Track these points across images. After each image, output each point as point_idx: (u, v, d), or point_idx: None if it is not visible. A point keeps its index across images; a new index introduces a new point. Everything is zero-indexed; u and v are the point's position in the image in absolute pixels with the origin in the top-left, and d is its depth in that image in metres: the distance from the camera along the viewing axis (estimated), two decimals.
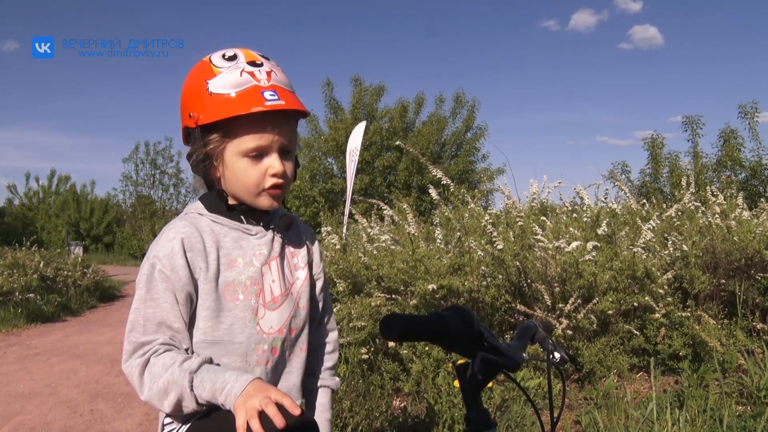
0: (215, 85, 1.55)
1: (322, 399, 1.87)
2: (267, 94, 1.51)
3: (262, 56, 1.62)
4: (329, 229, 7.24)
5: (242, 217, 1.67)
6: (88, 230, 38.24)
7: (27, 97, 63.00)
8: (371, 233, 7.15)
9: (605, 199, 6.78)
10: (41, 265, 13.47)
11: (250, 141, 1.55)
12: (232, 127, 1.56)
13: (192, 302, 1.59)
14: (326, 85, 24.77)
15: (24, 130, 61.41)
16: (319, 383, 1.88)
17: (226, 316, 1.60)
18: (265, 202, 1.63)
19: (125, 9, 62.80)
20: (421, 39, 58.71)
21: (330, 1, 62.81)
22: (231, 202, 1.67)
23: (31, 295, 11.77)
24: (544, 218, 6.19)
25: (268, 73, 1.56)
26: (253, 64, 1.57)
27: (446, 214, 6.78)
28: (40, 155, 65.02)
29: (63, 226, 36.54)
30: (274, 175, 1.58)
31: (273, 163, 1.58)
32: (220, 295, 1.60)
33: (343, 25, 60.83)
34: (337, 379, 1.94)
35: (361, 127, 10.64)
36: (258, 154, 1.57)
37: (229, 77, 1.54)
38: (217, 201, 1.66)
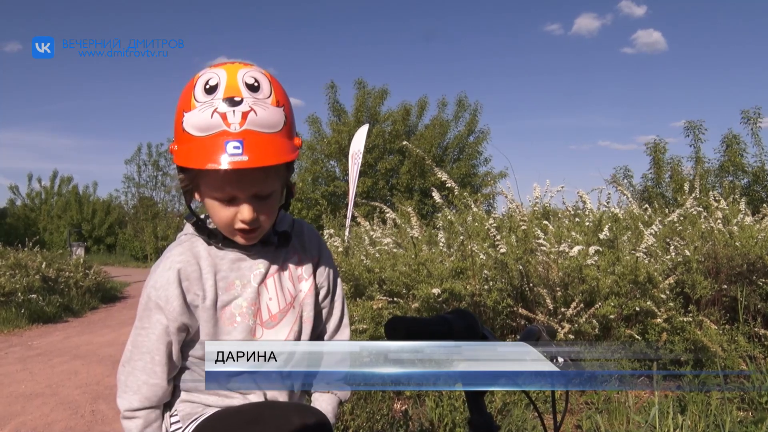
0: (188, 123, 1.45)
1: (327, 405, 1.78)
2: (231, 147, 1.38)
3: (250, 86, 1.46)
4: (332, 231, 7.25)
5: (222, 243, 1.61)
6: (90, 231, 38.22)
7: (30, 97, 63.02)
8: (373, 236, 7.15)
9: (608, 203, 6.78)
10: (43, 265, 13.47)
11: (215, 191, 1.48)
12: (200, 174, 1.48)
13: (187, 330, 1.58)
14: (330, 88, 24.83)
15: (26, 131, 61.46)
16: (329, 388, 1.79)
17: (226, 339, 1.58)
18: (239, 240, 1.57)
19: (125, 9, 62.93)
20: (425, 43, 58.77)
21: (334, 3, 62.85)
22: (212, 226, 1.62)
23: (33, 295, 11.77)
24: (546, 222, 6.19)
25: (244, 114, 1.41)
26: (230, 101, 1.42)
27: (449, 217, 6.79)
28: (42, 156, 64.99)
29: (65, 227, 36.52)
30: (243, 221, 1.51)
31: (242, 211, 1.49)
32: (219, 320, 1.58)
33: (347, 28, 60.84)
34: (349, 388, 1.86)
35: (363, 130, 10.65)
36: (228, 200, 1.50)
37: (201, 117, 1.43)
38: (197, 228, 1.63)
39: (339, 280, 1.88)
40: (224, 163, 1.38)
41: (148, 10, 61.30)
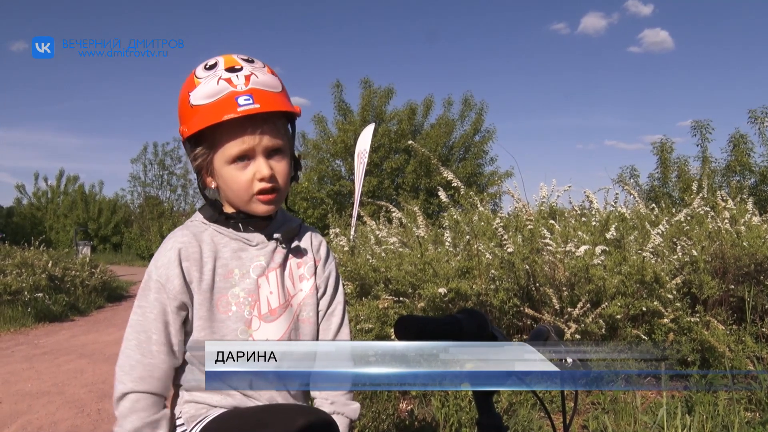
0: (195, 97, 1.55)
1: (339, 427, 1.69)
2: (241, 100, 1.50)
3: (245, 59, 1.59)
4: (337, 231, 7.24)
5: (240, 225, 1.65)
6: (96, 230, 38.30)
7: (36, 97, 63.28)
8: (379, 235, 7.14)
9: (615, 203, 6.76)
10: (49, 264, 13.50)
11: (232, 148, 1.54)
12: (215, 136, 1.55)
13: (187, 310, 1.59)
14: (336, 87, 24.82)
15: (33, 130, 61.62)
16: (334, 410, 1.75)
17: (219, 327, 1.59)
18: (258, 207, 1.61)
19: (125, 9, 63.03)
20: (427, 43, 58.72)
21: (338, 2, 62.83)
22: (229, 210, 1.65)
23: (40, 294, 11.80)
24: (552, 222, 6.18)
25: (247, 77, 1.53)
26: (231, 69, 1.55)
27: (455, 216, 6.77)
28: (48, 155, 65.34)
29: (71, 226, 36.58)
30: (262, 180, 1.56)
31: (259, 167, 1.56)
32: (213, 306, 1.59)
33: (353, 27, 60.86)
34: (356, 405, 1.80)
35: (369, 129, 10.65)
36: (244, 160, 1.56)
37: (207, 87, 1.54)
38: (212, 211, 1.65)
39: (341, 287, 1.90)
40: (240, 110, 1.49)
41: (148, 10, 61.48)
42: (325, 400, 1.77)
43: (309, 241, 1.81)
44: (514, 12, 60.41)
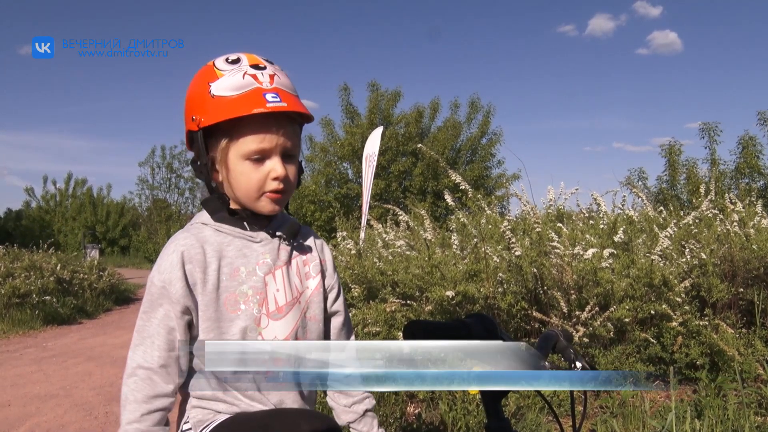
0: (218, 88, 1.54)
1: (366, 427, 1.80)
2: (269, 96, 1.50)
3: (266, 60, 1.61)
4: (345, 234, 7.24)
5: (245, 223, 1.65)
6: (104, 233, 38.46)
7: (44, 100, 63.52)
8: (387, 239, 7.14)
9: (622, 206, 6.74)
10: (58, 267, 13.55)
11: (252, 143, 1.54)
12: (234, 129, 1.54)
13: (191, 314, 1.57)
14: (343, 90, 24.83)
15: (42, 134, 62.04)
16: (355, 407, 1.78)
17: (227, 326, 1.58)
18: (266, 206, 1.60)
19: (125, 9, 63.33)
20: (437, 44, 58.76)
21: (346, 5, 62.93)
22: (233, 206, 1.64)
23: (48, 297, 11.85)
24: (560, 225, 6.16)
25: (271, 76, 1.55)
26: (256, 67, 1.56)
27: (462, 219, 6.76)
28: (57, 158, 65.61)
29: (79, 229, 36.81)
30: (275, 179, 1.56)
31: (275, 166, 1.56)
32: (221, 306, 1.58)
33: (360, 30, 60.95)
34: (372, 397, 1.83)
35: (378, 132, 10.67)
36: (260, 157, 1.55)
37: (232, 80, 1.53)
38: (219, 205, 1.64)
39: (341, 286, 1.90)
40: (269, 106, 1.50)
41: (148, 10, 61.74)
42: (345, 408, 1.79)
43: (312, 240, 1.81)
44: (521, 14, 60.51)
